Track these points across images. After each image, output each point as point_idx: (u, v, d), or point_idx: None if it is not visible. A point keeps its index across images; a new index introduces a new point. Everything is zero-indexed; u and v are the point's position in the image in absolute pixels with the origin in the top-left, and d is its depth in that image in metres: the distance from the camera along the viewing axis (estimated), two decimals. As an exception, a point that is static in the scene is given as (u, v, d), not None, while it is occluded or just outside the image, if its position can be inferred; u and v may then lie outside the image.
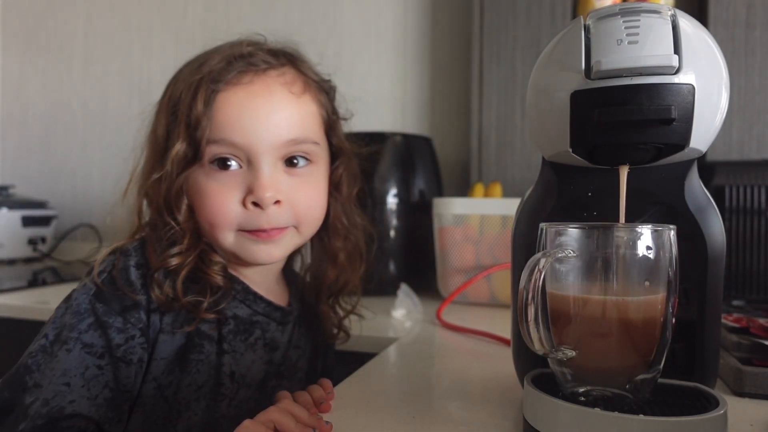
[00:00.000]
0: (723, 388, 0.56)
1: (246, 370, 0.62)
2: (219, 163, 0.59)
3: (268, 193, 0.59)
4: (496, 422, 0.48)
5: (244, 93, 0.59)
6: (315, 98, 0.66)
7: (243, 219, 0.60)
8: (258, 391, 0.63)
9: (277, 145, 0.60)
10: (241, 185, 0.59)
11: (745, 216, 0.88)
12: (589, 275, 0.41)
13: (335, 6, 1.52)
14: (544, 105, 0.46)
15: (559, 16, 1.15)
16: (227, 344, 0.61)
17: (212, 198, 0.59)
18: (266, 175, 0.59)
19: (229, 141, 0.58)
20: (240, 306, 0.63)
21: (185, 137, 0.59)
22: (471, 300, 1.04)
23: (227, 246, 0.61)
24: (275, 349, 0.66)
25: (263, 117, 0.59)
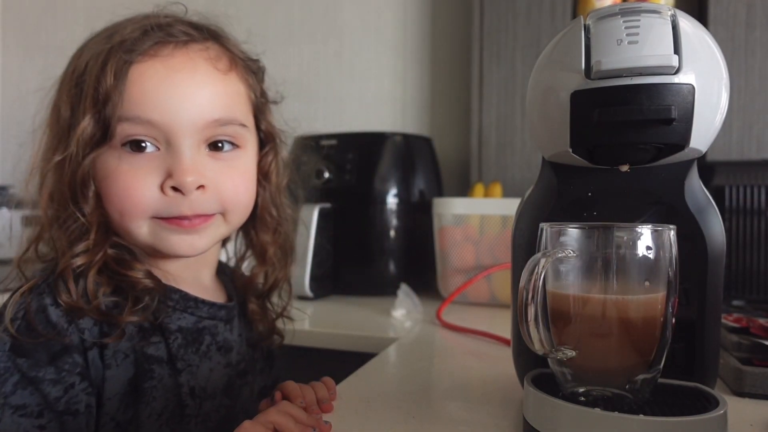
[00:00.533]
0: (723, 388, 0.56)
1: (206, 381, 0.57)
2: (132, 145, 0.52)
3: (190, 177, 0.52)
4: (496, 422, 0.48)
5: (162, 66, 0.52)
6: (242, 77, 0.60)
7: (160, 206, 0.53)
8: (226, 397, 0.59)
9: (199, 125, 0.53)
10: (158, 169, 0.53)
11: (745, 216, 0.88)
12: (589, 275, 0.41)
13: (335, 6, 1.52)
14: (544, 105, 0.46)
15: (559, 16, 1.15)
16: (180, 361, 0.55)
17: (124, 182, 0.52)
18: (188, 157, 0.53)
19: (144, 119, 0.51)
20: (183, 316, 0.57)
21: (93, 114, 0.51)
22: (471, 300, 1.04)
23: (141, 238, 0.54)
24: (230, 350, 0.61)
25: (185, 93, 0.53)
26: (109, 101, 0.51)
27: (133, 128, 0.52)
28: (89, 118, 0.51)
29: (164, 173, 0.53)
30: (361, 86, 1.50)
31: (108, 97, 0.51)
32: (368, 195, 1.14)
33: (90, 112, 0.51)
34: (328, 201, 1.14)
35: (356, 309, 1.03)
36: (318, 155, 1.18)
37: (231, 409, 0.59)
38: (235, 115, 0.57)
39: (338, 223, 1.15)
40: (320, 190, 1.16)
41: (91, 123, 0.51)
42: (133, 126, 0.52)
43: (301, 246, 1.09)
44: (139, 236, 0.54)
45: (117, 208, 0.53)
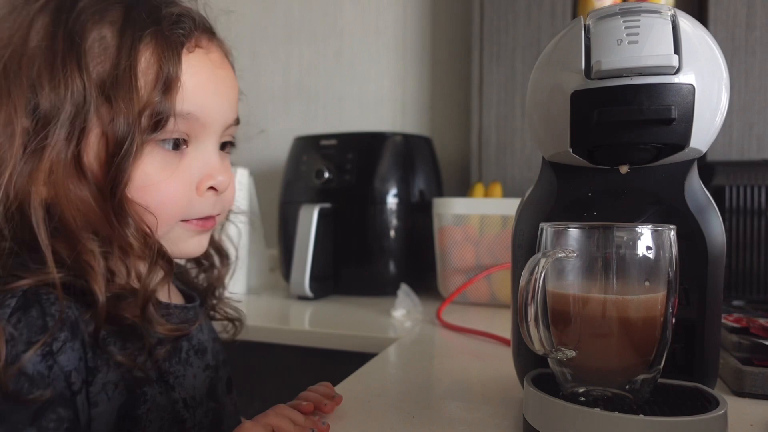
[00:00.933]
0: (723, 388, 0.56)
1: (193, 389, 0.54)
2: (172, 142, 0.49)
3: (225, 176, 0.51)
4: (496, 422, 0.48)
5: (207, 59, 0.50)
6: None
7: (193, 207, 0.51)
8: (211, 401, 0.56)
9: (227, 124, 0.52)
10: (192, 168, 0.50)
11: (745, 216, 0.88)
12: (589, 275, 0.41)
13: (335, 6, 1.52)
14: (544, 105, 0.46)
15: (559, 16, 1.15)
16: (170, 375, 0.51)
17: (166, 185, 0.48)
18: (218, 156, 0.52)
19: (192, 115, 0.48)
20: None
21: (158, 96, 0.46)
22: (471, 300, 1.04)
23: (163, 240, 0.50)
24: (205, 352, 0.58)
25: (225, 91, 0.51)
26: (174, 87, 0.46)
27: (181, 123, 0.47)
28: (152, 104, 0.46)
29: (199, 173, 0.50)
30: (361, 86, 1.50)
31: (172, 82, 0.46)
32: (368, 195, 1.14)
33: (157, 94, 0.46)
34: (328, 201, 1.14)
35: (356, 309, 1.03)
36: (318, 155, 1.18)
37: (217, 411, 0.57)
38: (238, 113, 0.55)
39: (338, 223, 1.15)
40: (320, 190, 1.16)
41: (152, 108, 0.46)
42: (182, 121, 0.47)
43: (301, 246, 1.09)
44: (161, 239, 0.49)
45: (154, 209, 0.48)
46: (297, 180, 1.20)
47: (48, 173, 0.44)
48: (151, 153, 0.47)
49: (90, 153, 0.46)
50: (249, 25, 1.59)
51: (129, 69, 0.45)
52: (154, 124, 0.46)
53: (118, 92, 0.45)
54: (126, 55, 0.45)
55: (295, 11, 1.56)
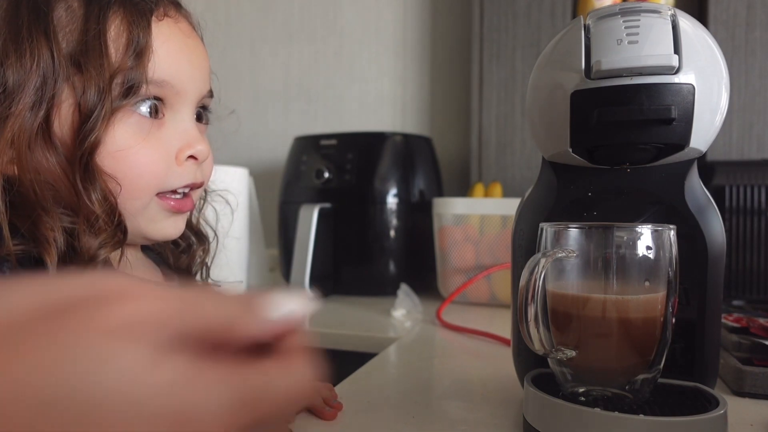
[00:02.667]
0: (723, 388, 0.56)
1: None
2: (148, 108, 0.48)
3: (204, 145, 0.50)
4: (496, 422, 0.48)
5: (176, 29, 0.50)
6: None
7: (171, 177, 0.49)
8: None
9: (201, 94, 0.52)
10: (171, 137, 0.49)
11: (745, 216, 0.88)
12: (589, 275, 0.41)
13: (335, 6, 1.52)
14: (544, 105, 0.46)
15: (559, 16, 1.15)
16: None
17: (142, 153, 0.48)
18: (194, 125, 0.51)
19: (167, 82, 0.48)
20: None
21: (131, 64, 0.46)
22: (471, 300, 1.04)
23: (136, 217, 0.49)
24: None
25: (197, 60, 0.51)
26: (144, 55, 0.46)
27: (155, 90, 0.47)
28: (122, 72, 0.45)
29: (177, 141, 0.49)
30: (361, 86, 1.50)
31: (143, 50, 0.46)
32: (368, 195, 1.14)
33: (129, 62, 0.45)
34: (328, 201, 1.14)
35: (356, 309, 1.03)
36: (318, 155, 1.18)
37: None
38: (209, 84, 0.54)
39: (338, 223, 1.15)
40: (320, 190, 1.16)
41: (122, 77, 0.45)
42: (155, 88, 0.47)
43: (301, 246, 1.09)
44: (136, 215, 0.49)
45: (125, 185, 0.47)
46: (297, 180, 1.20)
47: (10, 143, 0.44)
48: (124, 119, 0.46)
49: (62, 123, 0.45)
50: (249, 25, 1.59)
51: (99, 36, 0.45)
52: (126, 90, 0.45)
53: (89, 59, 0.45)
54: (95, 23, 0.45)
55: (295, 11, 1.56)
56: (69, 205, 0.45)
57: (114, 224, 0.47)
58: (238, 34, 1.59)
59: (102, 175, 0.46)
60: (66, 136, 0.46)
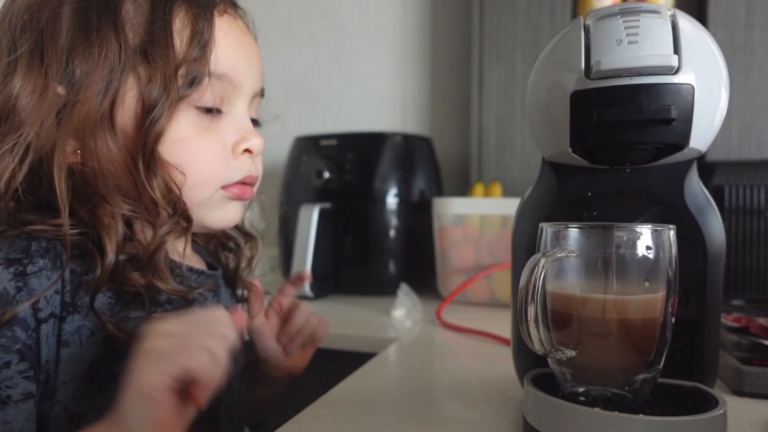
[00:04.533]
0: (723, 387, 0.56)
1: None
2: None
3: (260, 139, 0.52)
4: (496, 422, 0.48)
5: (235, 26, 0.51)
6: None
7: (231, 170, 0.51)
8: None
9: (256, 91, 0.54)
10: (227, 132, 0.51)
11: (745, 216, 0.88)
12: (589, 275, 0.41)
13: (335, 6, 1.52)
14: (543, 105, 0.46)
15: (559, 16, 1.15)
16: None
17: (202, 147, 0.49)
18: (249, 121, 0.53)
19: (228, 78, 0.49)
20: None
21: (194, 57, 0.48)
22: (471, 300, 1.04)
23: (200, 210, 0.50)
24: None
25: (255, 57, 0.53)
26: (208, 50, 0.47)
27: (216, 83, 0.48)
28: (185, 66, 0.47)
29: (233, 135, 0.51)
30: (361, 86, 1.50)
31: (207, 44, 0.47)
32: (368, 195, 1.14)
33: (193, 55, 0.47)
34: (328, 201, 1.15)
35: (356, 309, 1.03)
36: (318, 155, 1.18)
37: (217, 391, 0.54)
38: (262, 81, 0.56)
39: (338, 223, 1.15)
40: (320, 190, 1.16)
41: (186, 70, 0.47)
42: (216, 81, 0.48)
43: (301, 246, 1.09)
44: (201, 206, 0.50)
45: (188, 176, 0.48)
46: (297, 180, 1.20)
47: (76, 130, 0.45)
48: (185, 112, 0.48)
49: (125, 113, 0.46)
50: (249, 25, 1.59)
51: (164, 28, 0.46)
52: (190, 81, 0.46)
53: (155, 50, 0.46)
54: (161, 15, 0.46)
55: (295, 11, 1.56)
56: (129, 193, 0.46)
57: (178, 213, 0.48)
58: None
59: (165, 166, 0.47)
60: (128, 126, 0.47)
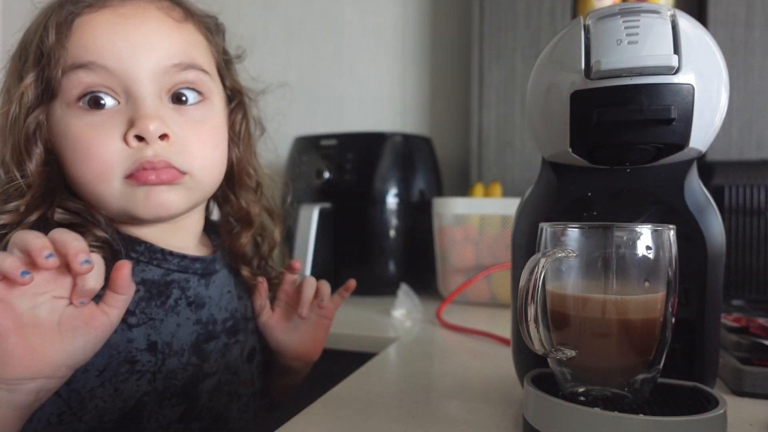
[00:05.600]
0: (723, 387, 0.56)
1: (171, 336, 0.54)
2: (90, 101, 0.50)
3: (152, 124, 0.50)
4: (496, 422, 0.48)
5: (112, 14, 0.52)
6: (199, 29, 0.58)
7: (126, 159, 0.50)
8: (194, 356, 0.56)
9: (158, 71, 0.52)
10: (120, 122, 0.51)
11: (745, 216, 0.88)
12: (589, 275, 0.41)
13: (335, 6, 1.52)
14: (543, 105, 0.46)
15: (559, 16, 1.15)
16: (139, 315, 0.52)
17: (86, 141, 0.50)
18: (149, 104, 0.51)
19: (99, 65, 0.50)
20: (148, 268, 0.55)
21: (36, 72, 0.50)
22: (471, 300, 1.04)
23: (114, 201, 0.52)
24: (201, 307, 0.58)
25: (139, 39, 0.51)
26: (52, 56, 0.50)
27: (88, 77, 0.50)
28: (32, 77, 0.50)
29: (126, 124, 0.51)
30: (361, 86, 1.50)
31: (51, 51, 0.50)
32: (368, 195, 1.14)
33: (33, 71, 0.50)
34: (328, 201, 1.15)
35: (356, 309, 1.03)
36: (318, 155, 1.18)
37: (199, 368, 0.56)
38: (196, 60, 0.55)
39: (338, 223, 1.15)
40: (320, 190, 1.16)
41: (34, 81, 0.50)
42: (89, 74, 0.50)
43: (301, 246, 1.09)
44: (112, 199, 0.52)
45: (85, 170, 0.51)
46: (297, 180, 1.20)
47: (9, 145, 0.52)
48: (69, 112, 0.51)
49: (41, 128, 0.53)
50: (249, 25, 1.59)
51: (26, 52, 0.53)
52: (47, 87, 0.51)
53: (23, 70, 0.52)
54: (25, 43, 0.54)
55: (295, 11, 1.56)
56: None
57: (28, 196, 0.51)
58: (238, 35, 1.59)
59: (66, 164, 0.53)
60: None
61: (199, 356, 0.57)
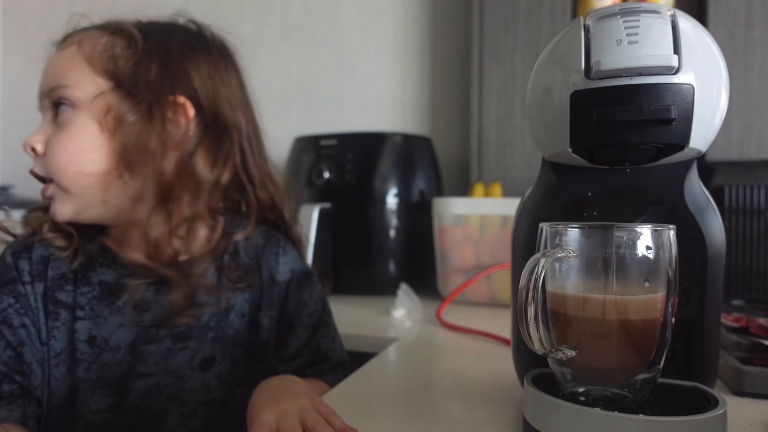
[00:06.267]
0: (722, 387, 0.56)
1: (110, 334, 0.61)
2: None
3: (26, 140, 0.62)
4: (496, 422, 0.48)
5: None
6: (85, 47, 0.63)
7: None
8: (129, 354, 0.61)
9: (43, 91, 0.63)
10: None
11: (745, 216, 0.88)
12: (589, 275, 0.41)
13: (335, 6, 1.52)
14: (543, 105, 0.46)
15: (559, 16, 1.15)
16: (86, 310, 0.61)
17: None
18: (42, 122, 0.63)
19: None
20: (106, 271, 0.63)
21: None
22: (471, 300, 1.04)
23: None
24: (146, 310, 0.62)
25: (47, 67, 0.64)
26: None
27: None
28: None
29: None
30: (361, 86, 1.50)
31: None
32: (368, 195, 1.14)
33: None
34: (328, 201, 1.15)
35: (356, 309, 1.03)
36: (318, 155, 1.18)
37: (132, 366, 0.61)
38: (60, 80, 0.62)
39: (338, 223, 1.15)
40: (320, 190, 1.16)
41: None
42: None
43: (301, 246, 1.09)
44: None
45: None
46: (297, 180, 1.20)
47: None
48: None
49: None
50: (249, 25, 1.59)
51: None
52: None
53: None
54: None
55: (295, 11, 1.56)
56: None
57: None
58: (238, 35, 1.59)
59: None
60: None
61: (135, 356, 0.62)
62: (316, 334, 0.70)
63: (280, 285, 0.70)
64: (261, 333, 0.68)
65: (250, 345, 0.67)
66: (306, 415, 0.46)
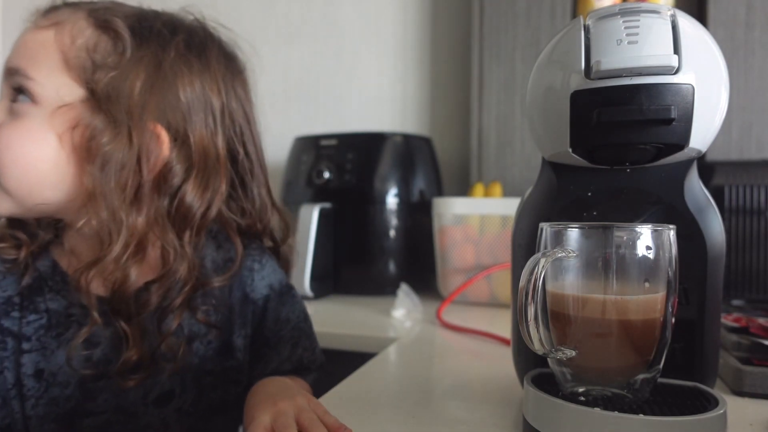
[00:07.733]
0: (722, 387, 0.56)
1: (58, 368, 0.55)
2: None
3: None
4: (496, 422, 0.48)
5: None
6: (67, 30, 0.55)
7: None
8: (78, 390, 0.56)
9: (7, 68, 0.55)
10: None
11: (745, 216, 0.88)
12: (589, 275, 0.41)
13: (335, 6, 1.52)
14: (543, 105, 0.46)
15: (559, 16, 1.15)
16: (33, 341, 0.55)
17: None
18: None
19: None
20: (55, 297, 0.56)
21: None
22: (471, 300, 1.04)
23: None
24: (96, 345, 0.56)
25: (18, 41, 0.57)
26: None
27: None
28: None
29: None
30: (361, 86, 1.50)
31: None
32: (368, 195, 1.14)
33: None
34: (328, 201, 1.15)
35: (356, 309, 1.03)
36: (318, 155, 1.18)
37: (81, 402, 0.55)
38: (25, 68, 0.54)
39: (338, 223, 1.15)
40: (320, 190, 1.16)
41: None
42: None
43: (301, 246, 1.09)
44: None
45: None
46: (297, 180, 1.20)
47: None
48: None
49: None
50: (249, 25, 1.59)
51: None
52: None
53: None
54: None
55: (295, 11, 1.56)
56: None
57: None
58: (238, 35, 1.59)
59: None
60: None
61: (84, 393, 0.56)
62: (298, 348, 0.64)
63: (256, 303, 0.64)
64: (236, 355, 0.62)
65: (224, 370, 0.61)
66: (301, 415, 0.46)
